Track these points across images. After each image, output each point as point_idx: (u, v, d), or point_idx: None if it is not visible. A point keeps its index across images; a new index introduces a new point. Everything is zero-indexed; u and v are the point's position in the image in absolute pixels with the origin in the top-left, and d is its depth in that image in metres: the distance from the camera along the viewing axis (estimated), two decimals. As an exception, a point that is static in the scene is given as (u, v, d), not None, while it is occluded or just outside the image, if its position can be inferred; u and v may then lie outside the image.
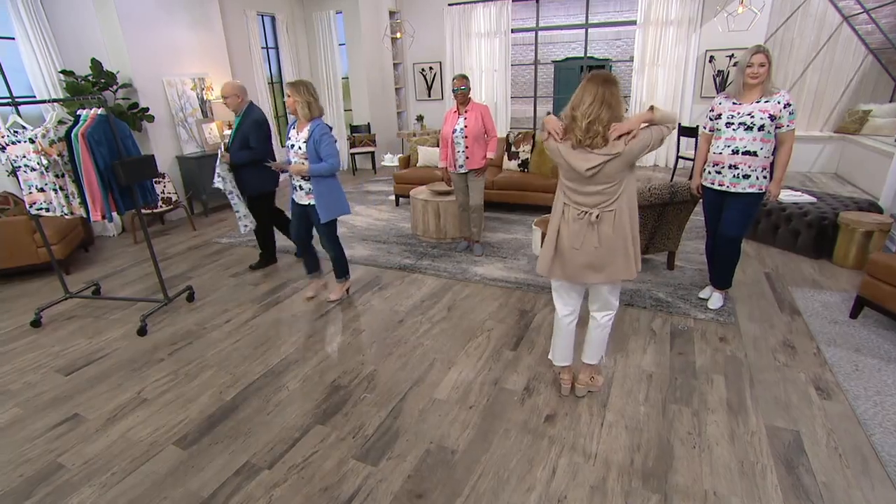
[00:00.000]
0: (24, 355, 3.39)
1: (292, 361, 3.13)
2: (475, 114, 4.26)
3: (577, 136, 2.22)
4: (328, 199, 3.48)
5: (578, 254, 2.37)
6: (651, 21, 7.53)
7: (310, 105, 3.35)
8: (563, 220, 2.41)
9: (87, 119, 3.30)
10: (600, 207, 2.29)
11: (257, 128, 4.10)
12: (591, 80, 2.23)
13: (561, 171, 2.40)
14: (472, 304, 3.79)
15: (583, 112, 2.19)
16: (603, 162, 2.19)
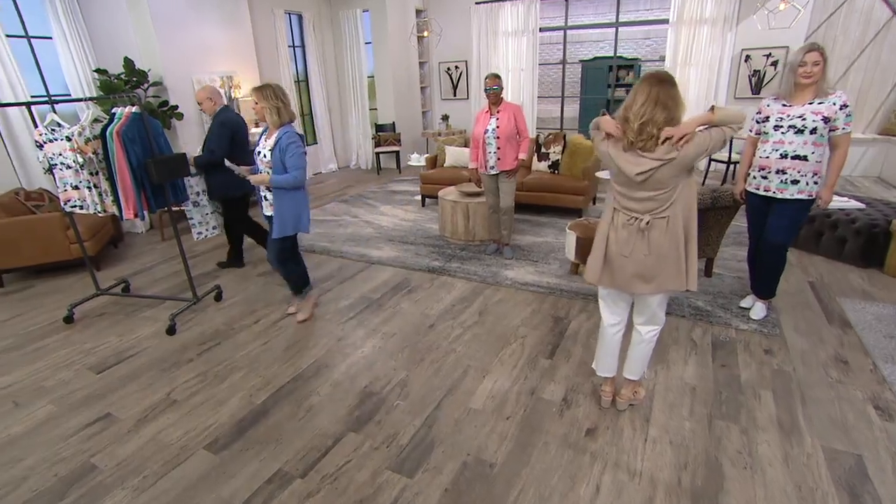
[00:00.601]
0: (58, 351, 3.40)
1: (322, 365, 3.08)
2: (508, 114, 4.16)
3: (628, 137, 2.12)
4: (286, 214, 3.20)
5: (628, 262, 2.26)
6: (684, 20, 7.32)
7: (279, 110, 3.07)
8: (612, 226, 2.30)
9: (121, 117, 3.29)
10: (652, 214, 2.17)
11: (218, 129, 4.02)
12: (645, 80, 2.12)
13: (611, 175, 2.29)
14: (504, 310, 3.69)
15: (635, 113, 2.09)
16: (654, 167, 2.07)
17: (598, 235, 2.37)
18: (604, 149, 2.22)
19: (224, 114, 4.11)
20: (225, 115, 4.10)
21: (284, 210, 3.19)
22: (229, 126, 4.05)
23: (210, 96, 4.09)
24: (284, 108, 3.09)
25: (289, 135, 3.06)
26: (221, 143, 3.99)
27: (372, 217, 6.01)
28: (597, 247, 2.36)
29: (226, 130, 4.02)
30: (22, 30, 5.06)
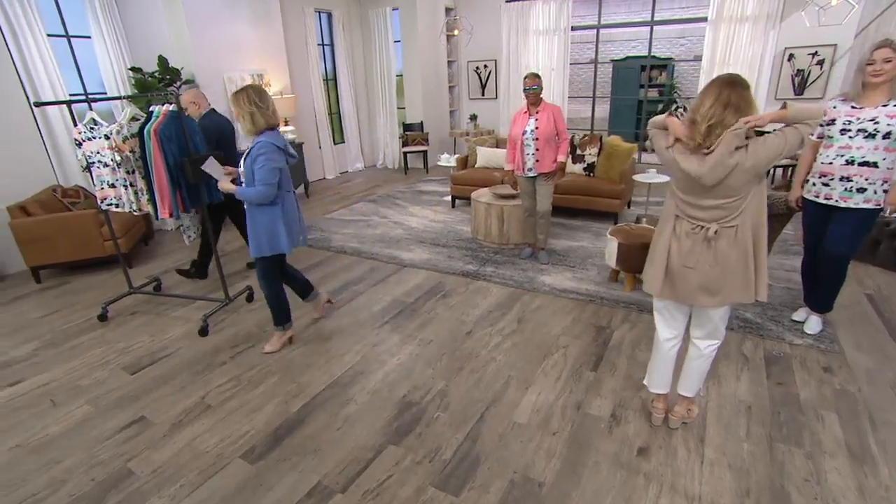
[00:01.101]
0: (93, 350, 3.38)
1: (358, 372, 2.99)
2: (547, 114, 4.02)
3: (696, 140, 1.98)
4: (259, 232, 2.90)
5: (692, 273, 2.11)
6: (724, 17, 7.07)
7: (251, 116, 2.76)
8: (673, 236, 2.16)
9: (159, 116, 3.26)
10: (719, 222, 2.03)
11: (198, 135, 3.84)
12: (714, 82, 1.99)
13: (673, 182, 2.14)
14: (543, 317, 3.56)
15: (703, 114, 1.95)
16: (726, 172, 1.93)
17: (657, 245, 2.23)
18: (669, 153, 2.08)
19: (207, 118, 4.04)
20: (208, 120, 4.01)
21: (258, 227, 2.90)
22: (212, 131, 3.94)
23: (194, 100, 3.99)
24: (260, 113, 2.75)
25: (260, 145, 2.74)
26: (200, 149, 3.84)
27: (401, 218, 5.92)
28: (657, 257, 2.22)
29: (207, 135, 3.81)
30: (62, 29, 5.10)
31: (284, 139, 2.89)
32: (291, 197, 3.03)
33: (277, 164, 2.78)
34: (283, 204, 2.91)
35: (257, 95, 2.77)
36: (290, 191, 3.01)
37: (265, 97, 2.80)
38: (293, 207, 3.04)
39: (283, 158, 2.86)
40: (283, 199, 2.92)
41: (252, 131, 2.81)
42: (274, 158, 2.76)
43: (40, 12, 4.68)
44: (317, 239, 5.30)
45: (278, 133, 2.87)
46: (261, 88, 2.85)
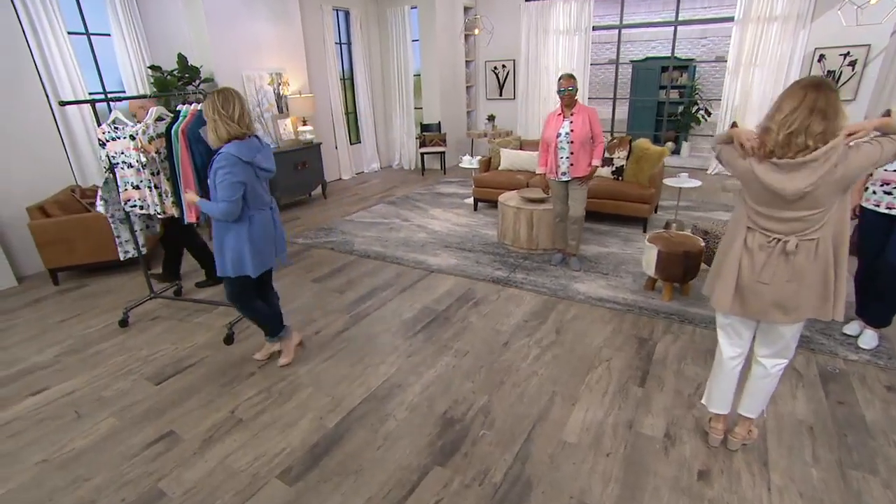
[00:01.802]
0: (114, 358, 3.26)
1: (395, 385, 2.85)
2: (582, 117, 3.87)
3: (767, 147, 1.83)
4: (225, 251, 2.65)
5: (766, 289, 1.96)
6: (752, 17, 6.90)
7: (215, 126, 2.50)
8: (744, 249, 2.01)
9: (186, 115, 3.13)
10: (799, 235, 1.87)
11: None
12: (797, 85, 1.83)
13: (746, 192, 1.99)
14: (581, 328, 3.42)
15: (781, 121, 1.79)
16: (813, 184, 1.77)
17: (727, 258, 2.07)
18: (746, 164, 1.93)
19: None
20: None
21: (224, 246, 2.64)
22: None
23: (143, 105, 3.70)
24: (221, 123, 2.49)
25: (220, 157, 2.47)
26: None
27: (423, 221, 5.78)
28: (727, 271, 2.06)
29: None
30: (83, 27, 5.00)
31: (258, 150, 2.60)
32: (264, 215, 2.70)
33: (238, 179, 2.48)
34: (251, 223, 2.62)
35: (221, 102, 2.49)
36: (262, 208, 2.68)
37: (230, 104, 2.50)
38: (265, 226, 2.70)
39: (251, 172, 2.55)
40: (252, 216, 2.62)
41: (215, 142, 2.55)
42: (235, 172, 2.46)
43: (61, 10, 4.58)
44: (338, 242, 5.17)
45: (249, 143, 2.56)
46: (229, 94, 2.54)
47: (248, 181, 2.54)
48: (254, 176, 2.57)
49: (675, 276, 3.66)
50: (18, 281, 4.52)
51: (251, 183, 2.56)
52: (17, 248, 4.53)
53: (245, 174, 2.50)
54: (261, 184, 2.67)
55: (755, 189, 1.91)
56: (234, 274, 2.68)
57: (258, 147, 2.62)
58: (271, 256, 2.81)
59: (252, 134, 2.61)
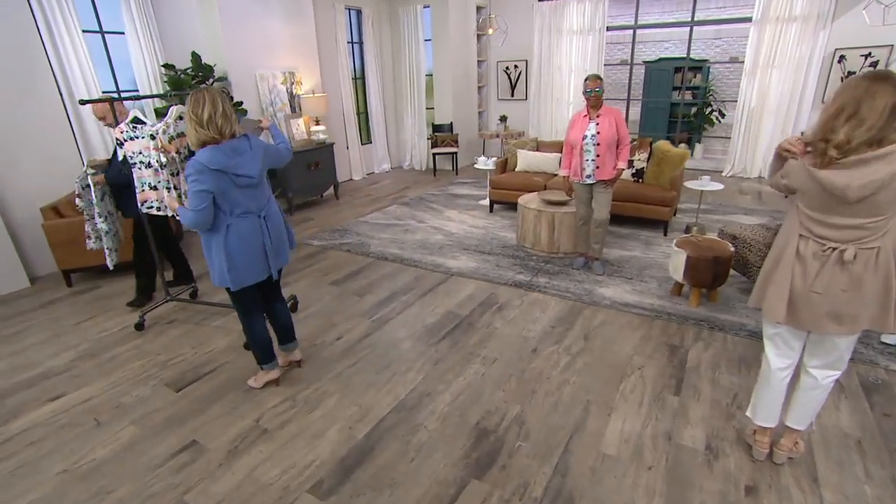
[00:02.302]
0: (132, 362, 3.18)
1: (424, 393, 2.76)
2: (609, 119, 3.78)
3: (825, 152, 1.74)
4: (212, 260, 2.51)
5: (820, 299, 1.87)
6: (770, 17, 6.80)
7: (188, 129, 2.34)
8: (797, 257, 1.91)
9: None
10: (857, 243, 1.78)
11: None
12: (862, 78, 1.73)
13: (801, 199, 1.90)
14: (610, 334, 3.33)
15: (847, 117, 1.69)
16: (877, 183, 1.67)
17: (779, 267, 1.97)
18: (797, 166, 1.84)
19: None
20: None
21: (212, 256, 2.50)
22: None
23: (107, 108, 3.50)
24: (192, 127, 2.30)
25: (189, 164, 2.30)
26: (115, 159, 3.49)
27: (439, 222, 5.70)
28: (780, 280, 1.97)
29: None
30: (97, 25, 4.93)
31: (236, 155, 2.37)
32: (247, 223, 2.46)
33: (204, 187, 2.27)
34: (228, 232, 2.41)
35: (192, 104, 2.30)
36: (243, 215, 2.44)
37: (200, 105, 2.29)
38: (246, 235, 2.46)
39: (224, 179, 2.32)
40: (230, 226, 2.41)
41: (193, 146, 2.37)
42: (201, 180, 2.27)
43: (76, 8, 4.51)
44: (354, 244, 5.09)
45: (224, 148, 2.33)
46: (200, 95, 2.32)
47: (222, 190, 2.32)
48: (230, 184, 2.34)
49: (704, 281, 3.57)
50: (31, 282, 4.45)
51: (225, 190, 2.34)
52: (30, 249, 4.46)
53: (214, 182, 2.29)
54: (246, 191, 2.43)
55: (813, 192, 1.81)
56: (218, 285, 2.54)
57: (240, 150, 2.38)
58: (258, 268, 2.54)
59: (230, 137, 2.36)
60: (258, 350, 2.79)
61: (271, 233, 2.58)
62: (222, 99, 2.36)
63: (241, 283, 2.52)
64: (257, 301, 2.74)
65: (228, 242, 2.42)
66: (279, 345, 2.97)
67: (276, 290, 2.87)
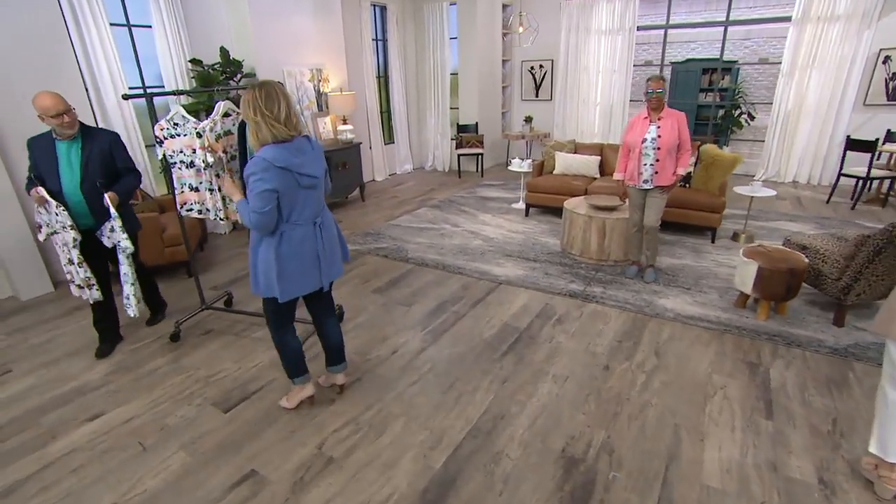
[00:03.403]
0: (171, 378, 2.96)
1: (497, 416, 2.54)
2: (671, 122, 3.57)
3: None
4: (258, 266, 2.30)
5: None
6: (811, 17, 6.60)
7: (257, 128, 2.10)
8: None
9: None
10: None
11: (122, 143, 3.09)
12: None
13: None
14: (681, 350, 3.11)
15: None
16: None
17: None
18: None
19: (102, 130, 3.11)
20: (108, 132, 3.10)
21: (257, 262, 2.29)
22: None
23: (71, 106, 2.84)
24: (265, 124, 2.08)
25: (251, 162, 2.10)
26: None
27: (475, 227, 5.48)
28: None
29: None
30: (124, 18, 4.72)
31: (300, 153, 2.18)
32: (302, 231, 2.26)
33: (269, 186, 2.08)
34: (282, 238, 2.22)
35: (264, 99, 2.08)
36: (301, 223, 2.25)
37: (275, 101, 2.09)
38: (300, 244, 2.26)
39: (289, 179, 2.13)
40: (284, 232, 2.22)
41: (256, 146, 2.16)
42: (266, 178, 2.07)
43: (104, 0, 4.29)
44: (390, 249, 4.87)
45: (290, 146, 2.14)
46: (272, 89, 2.12)
47: (285, 190, 2.13)
48: (294, 184, 2.16)
49: (776, 294, 3.35)
50: (54, 286, 4.23)
51: (289, 192, 2.15)
52: (52, 251, 4.23)
53: (279, 181, 2.10)
54: (307, 193, 2.24)
55: None
56: (262, 294, 2.32)
57: (303, 149, 2.20)
58: (309, 278, 2.34)
59: (298, 135, 2.20)
60: (291, 363, 2.56)
61: (325, 242, 2.38)
62: (288, 94, 2.18)
63: (290, 294, 2.30)
64: (294, 314, 2.53)
65: (280, 249, 2.23)
66: (327, 366, 2.72)
67: (329, 303, 2.65)
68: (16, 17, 3.77)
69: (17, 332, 3.58)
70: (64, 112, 2.70)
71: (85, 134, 2.89)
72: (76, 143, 2.84)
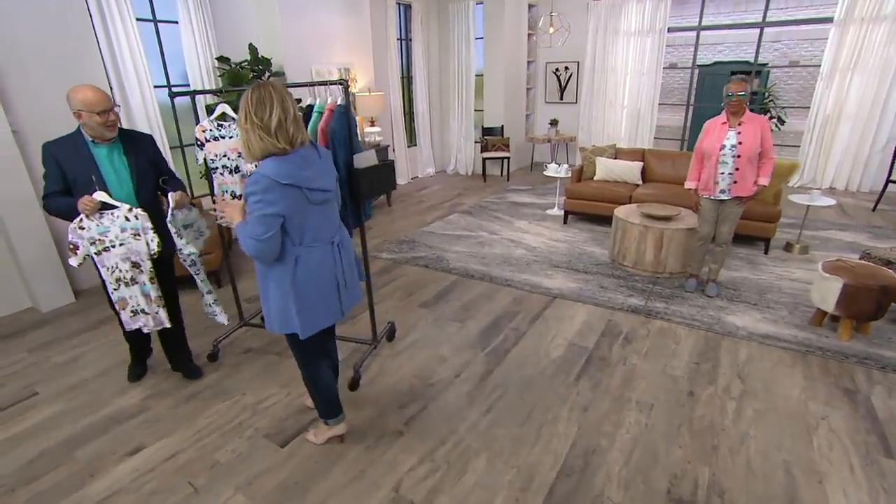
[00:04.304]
0: (215, 404, 2.69)
1: (588, 451, 2.29)
2: (753, 127, 3.32)
3: None
4: (270, 301, 2.00)
5: None
6: (854, 18, 6.38)
7: (247, 137, 1.78)
8: None
9: (322, 111, 2.59)
10: None
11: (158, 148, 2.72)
12: None
13: None
14: (765, 373, 2.86)
15: None
16: None
17: None
18: None
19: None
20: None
21: (269, 294, 1.99)
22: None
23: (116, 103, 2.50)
24: (254, 135, 1.76)
25: (253, 178, 1.76)
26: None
27: (513, 234, 5.23)
28: None
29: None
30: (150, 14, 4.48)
31: (307, 165, 1.84)
32: (320, 252, 1.96)
33: (274, 210, 1.76)
34: (297, 264, 1.91)
35: (254, 104, 1.75)
36: (316, 244, 1.95)
37: (265, 107, 1.74)
38: (319, 268, 1.96)
39: (297, 197, 1.81)
40: (299, 257, 1.91)
41: (248, 158, 1.85)
42: (269, 201, 1.75)
43: (132, -6, 4.06)
44: (429, 258, 4.62)
45: (294, 159, 1.80)
46: (265, 93, 1.76)
47: (294, 211, 1.82)
48: (303, 201, 1.84)
49: (863, 313, 3.10)
50: (75, 296, 3.97)
51: (299, 212, 1.84)
52: (73, 260, 3.99)
53: (285, 202, 1.78)
54: (320, 210, 1.94)
55: None
56: (280, 331, 2.02)
57: (310, 160, 1.88)
58: (330, 310, 2.06)
59: (299, 146, 1.83)
60: (325, 403, 2.29)
61: (345, 264, 2.09)
62: (290, 99, 1.82)
63: (311, 330, 2.01)
64: (324, 345, 2.25)
65: (297, 277, 1.92)
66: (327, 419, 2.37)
67: (332, 332, 2.39)
68: (40, 11, 3.52)
69: (39, 348, 3.32)
70: (110, 109, 2.32)
71: (123, 136, 2.51)
72: (117, 147, 2.45)
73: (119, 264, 2.46)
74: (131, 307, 2.55)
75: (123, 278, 2.49)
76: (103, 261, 2.44)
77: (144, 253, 2.46)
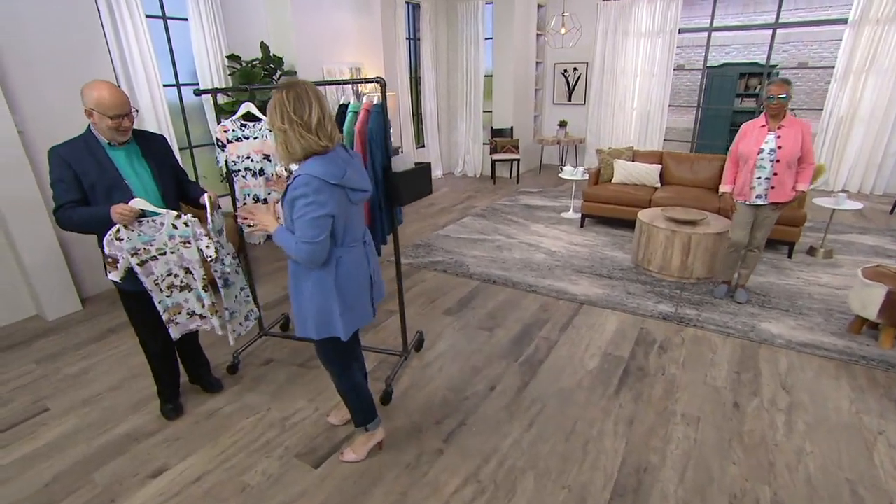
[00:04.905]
0: (239, 421, 2.55)
1: (639, 468, 2.17)
2: (794, 131, 3.21)
3: None
4: (305, 306, 1.91)
5: None
6: (869, 18, 6.33)
7: (285, 138, 1.70)
8: None
9: (357, 111, 2.47)
10: None
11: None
12: None
13: None
14: (808, 384, 2.75)
15: None
16: None
17: None
18: None
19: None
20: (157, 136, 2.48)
21: (303, 298, 1.90)
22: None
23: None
24: (294, 134, 1.67)
25: (299, 180, 1.68)
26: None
27: (531, 238, 5.12)
28: None
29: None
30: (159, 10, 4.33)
31: (346, 163, 1.78)
32: (355, 253, 1.92)
33: (325, 211, 1.69)
34: (338, 265, 1.86)
35: (292, 104, 1.66)
36: (354, 244, 1.90)
37: (305, 105, 1.67)
38: (356, 267, 1.92)
39: (342, 197, 1.76)
40: (340, 258, 1.86)
41: (285, 159, 1.78)
42: (321, 202, 1.68)
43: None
44: (448, 263, 4.49)
45: (335, 158, 1.74)
46: (302, 91, 1.69)
47: (338, 212, 1.75)
48: (346, 201, 1.78)
49: (907, 320, 3.02)
50: (82, 303, 3.81)
51: (342, 213, 1.78)
52: (80, 262, 3.84)
53: (334, 202, 1.72)
54: (356, 210, 1.89)
55: None
56: (318, 337, 1.94)
57: (347, 160, 1.81)
58: (367, 307, 2.03)
59: (336, 145, 1.79)
60: (362, 409, 2.20)
61: (373, 261, 2.05)
62: (324, 97, 1.75)
63: (352, 329, 1.97)
64: (355, 350, 2.19)
65: (340, 278, 1.87)
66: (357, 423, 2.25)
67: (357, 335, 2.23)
68: (47, 6, 3.37)
69: (47, 359, 3.16)
70: (126, 114, 2.11)
71: (138, 137, 2.31)
72: (134, 149, 2.26)
73: (173, 269, 2.26)
74: (186, 310, 2.36)
75: (178, 284, 2.29)
76: (150, 269, 2.21)
77: (196, 261, 2.28)
